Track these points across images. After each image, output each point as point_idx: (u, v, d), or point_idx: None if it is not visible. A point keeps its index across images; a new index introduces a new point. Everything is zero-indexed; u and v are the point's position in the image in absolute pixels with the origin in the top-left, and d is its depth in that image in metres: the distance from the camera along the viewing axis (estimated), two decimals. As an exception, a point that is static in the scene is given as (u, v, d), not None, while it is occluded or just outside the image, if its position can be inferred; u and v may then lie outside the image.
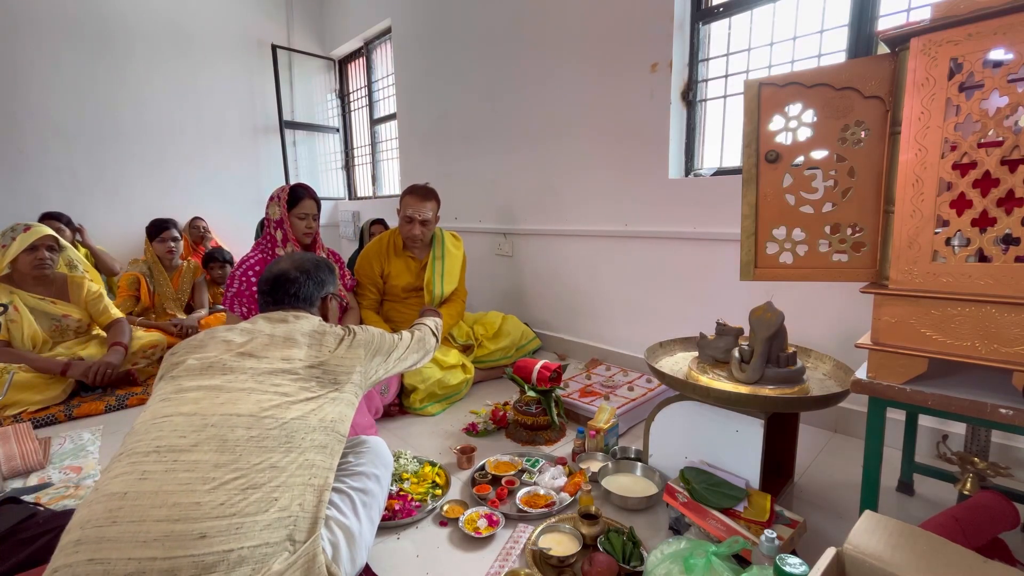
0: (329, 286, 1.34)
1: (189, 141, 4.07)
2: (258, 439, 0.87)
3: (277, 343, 1.07)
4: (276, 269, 1.26)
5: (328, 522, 0.95)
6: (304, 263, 1.28)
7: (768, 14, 1.96)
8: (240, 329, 1.11)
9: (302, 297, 1.25)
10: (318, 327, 1.17)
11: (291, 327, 1.13)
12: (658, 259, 2.30)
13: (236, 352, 1.03)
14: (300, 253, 1.38)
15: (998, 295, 0.86)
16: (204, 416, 0.88)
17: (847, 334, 1.71)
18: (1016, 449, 1.49)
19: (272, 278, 1.24)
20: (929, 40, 0.88)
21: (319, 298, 1.30)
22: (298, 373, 1.02)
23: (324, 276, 1.31)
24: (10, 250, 2.12)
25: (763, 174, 1.15)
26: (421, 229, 2.27)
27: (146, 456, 0.81)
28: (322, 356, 1.09)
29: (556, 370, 1.84)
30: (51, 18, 3.47)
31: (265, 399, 0.94)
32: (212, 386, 0.94)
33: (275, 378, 0.99)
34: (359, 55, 4.48)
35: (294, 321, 1.16)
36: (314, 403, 1.00)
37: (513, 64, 2.83)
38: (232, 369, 0.99)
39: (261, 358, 1.03)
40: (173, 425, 0.86)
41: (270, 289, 1.24)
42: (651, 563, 1.04)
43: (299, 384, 1.01)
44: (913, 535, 0.79)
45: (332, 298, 1.39)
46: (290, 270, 1.25)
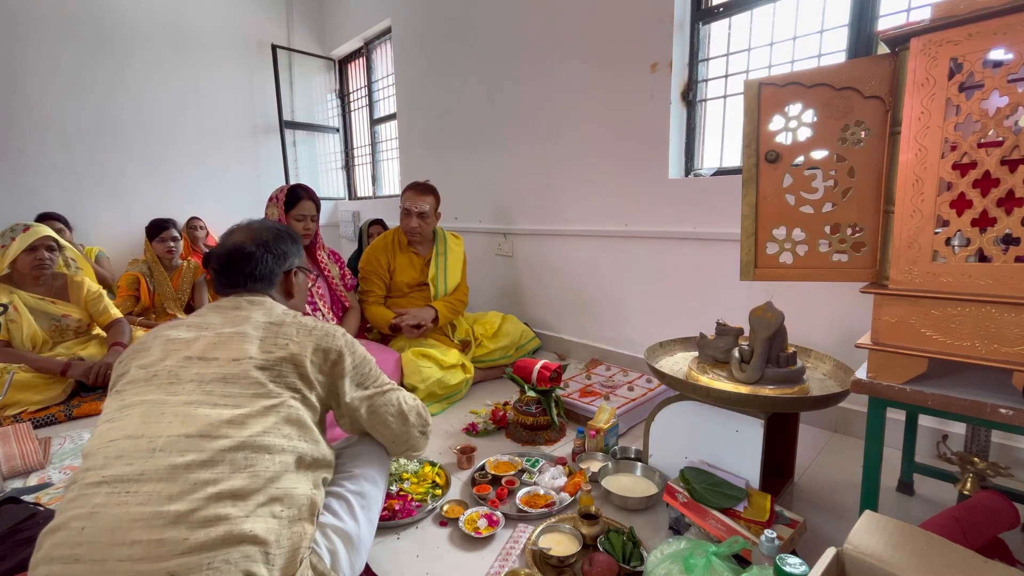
0: (293, 257, 1.16)
1: (189, 141, 4.08)
2: (211, 464, 0.76)
3: (226, 340, 0.92)
4: (229, 243, 1.08)
5: (324, 529, 0.92)
6: (261, 233, 1.10)
7: (768, 14, 1.96)
8: (188, 324, 0.98)
9: (261, 275, 1.08)
10: (276, 316, 1.00)
11: (244, 317, 0.98)
12: (658, 259, 2.30)
13: (182, 356, 0.90)
14: (257, 221, 1.15)
15: (998, 295, 0.86)
16: (151, 439, 0.77)
17: (847, 334, 1.71)
18: (1016, 449, 1.49)
19: (225, 254, 1.06)
20: (929, 40, 0.88)
21: (281, 273, 1.13)
22: (250, 376, 0.88)
23: (286, 247, 1.14)
24: (10, 250, 2.12)
25: (763, 174, 1.15)
26: (419, 221, 2.33)
27: (97, 488, 0.73)
28: (277, 352, 0.93)
29: (556, 370, 1.84)
30: (51, 18, 3.47)
31: (215, 414, 0.81)
32: (155, 401, 0.83)
33: (225, 386, 0.85)
34: (359, 55, 4.48)
35: (248, 308, 1.01)
36: (274, 415, 0.86)
37: (513, 64, 2.83)
38: (177, 378, 0.86)
39: (209, 360, 0.89)
40: (119, 450, 0.77)
41: (223, 268, 1.06)
42: (651, 563, 1.04)
43: (253, 391, 0.86)
44: (913, 535, 0.79)
45: (298, 271, 1.20)
46: (245, 243, 1.07)
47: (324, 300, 2.18)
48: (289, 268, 1.15)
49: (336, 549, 0.91)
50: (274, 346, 0.93)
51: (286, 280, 1.15)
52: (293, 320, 1.00)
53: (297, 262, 1.18)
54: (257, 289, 1.07)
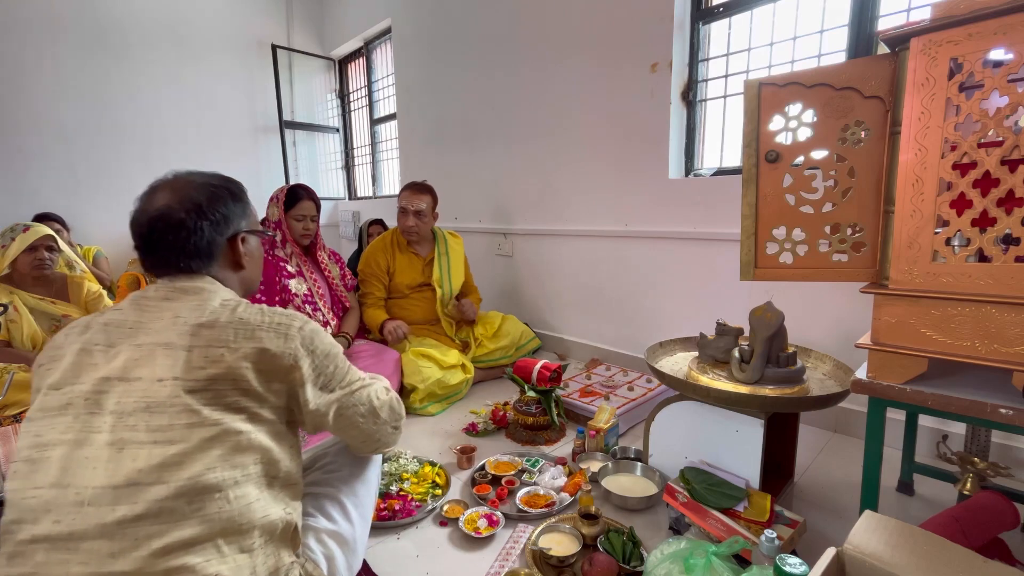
0: (238, 220, 0.91)
1: (189, 141, 4.08)
2: (149, 517, 0.65)
3: (148, 354, 0.74)
4: (153, 208, 0.83)
5: (319, 534, 0.88)
6: (191, 192, 0.85)
7: (768, 14, 1.96)
8: (105, 325, 0.78)
9: (196, 250, 0.83)
10: (210, 313, 0.78)
11: (171, 318, 0.77)
12: (658, 259, 2.29)
13: (99, 377, 0.73)
14: (185, 174, 0.90)
15: (998, 295, 0.86)
16: (77, 490, 0.66)
17: (847, 334, 1.71)
18: (1016, 449, 1.49)
19: (148, 223, 0.82)
20: (929, 40, 0.88)
21: (224, 242, 0.88)
22: (179, 403, 0.70)
23: (226, 207, 0.88)
24: (9, 250, 2.12)
25: (763, 174, 1.15)
26: (415, 220, 2.35)
27: (30, 545, 0.65)
28: (209, 368, 0.73)
29: (556, 370, 1.84)
30: (51, 18, 3.47)
31: (143, 456, 0.67)
32: (76, 442, 0.69)
33: (150, 417, 0.70)
34: (359, 55, 4.48)
35: (178, 302, 0.79)
36: (218, 446, 0.71)
37: (513, 64, 2.83)
38: (97, 407, 0.71)
39: (131, 382, 0.72)
40: (45, 503, 0.66)
41: (146, 243, 0.83)
42: (651, 563, 1.04)
43: (185, 421, 0.70)
44: (913, 535, 0.78)
45: (247, 237, 0.93)
46: (172, 208, 0.82)
47: (324, 300, 2.17)
48: (234, 233, 0.90)
49: (332, 554, 0.89)
50: (205, 359, 0.74)
51: (231, 249, 0.90)
52: (231, 317, 0.78)
53: (244, 224, 0.92)
54: (193, 268, 0.84)
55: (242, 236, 0.91)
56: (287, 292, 2.03)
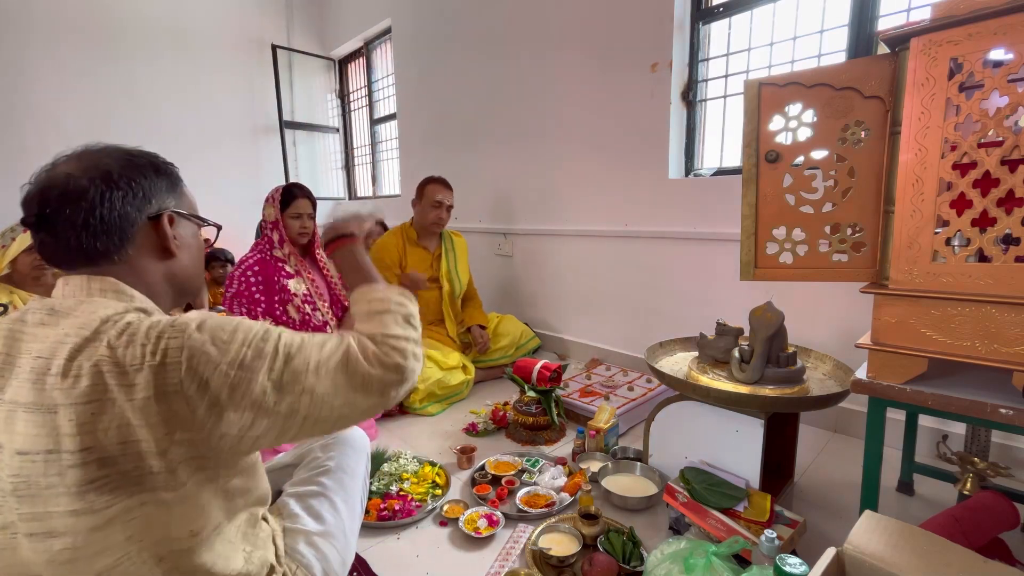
0: (162, 196, 0.71)
1: (189, 141, 4.07)
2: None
3: (7, 413, 0.55)
4: (46, 176, 0.64)
5: (310, 537, 0.86)
6: (100, 160, 0.66)
7: (768, 14, 1.96)
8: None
9: (100, 225, 0.63)
10: (89, 336, 0.56)
11: (51, 347, 0.56)
12: (658, 259, 2.29)
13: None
14: (98, 145, 0.69)
15: (998, 295, 0.86)
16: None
17: (847, 334, 1.71)
18: (1016, 449, 1.49)
19: (38, 194, 0.63)
20: (929, 40, 0.88)
21: (142, 220, 0.68)
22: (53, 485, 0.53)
23: (147, 179, 0.69)
24: (10, 251, 2.12)
25: (763, 174, 1.15)
26: (447, 215, 2.45)
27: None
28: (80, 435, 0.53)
29: (556, 370, 1.84)
30: (52, 18, 3.47)
31: (28, 549, 0.55)
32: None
33: (20, 504, 0.54)
34: (359, 55, 4.47)
35: (55, 326, 0.58)
36: (120, 530, 0.55)
37: (513, 64, 2.83)
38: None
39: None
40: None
41: (36, 218, 0.62)
42: (651, 563, 1.04)
43: (68, 507, 0.53)
44: (913, 535, 0.79)
45: (178, 219, 0.73)
46: (72, 175, 0.63)
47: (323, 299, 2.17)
48: (158, 212, 0.69)
49: (325, 554, 0.87)
50: (74, 425, 0.53)
51: (156, 231, 0.69)
52: (105, 354, 0.55)
53: (172, 203, 0.72)
54: (99, 250, 0.64)
55: (170, 215, 0.71)
56: (286, 292, 2.03)
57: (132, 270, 0.67)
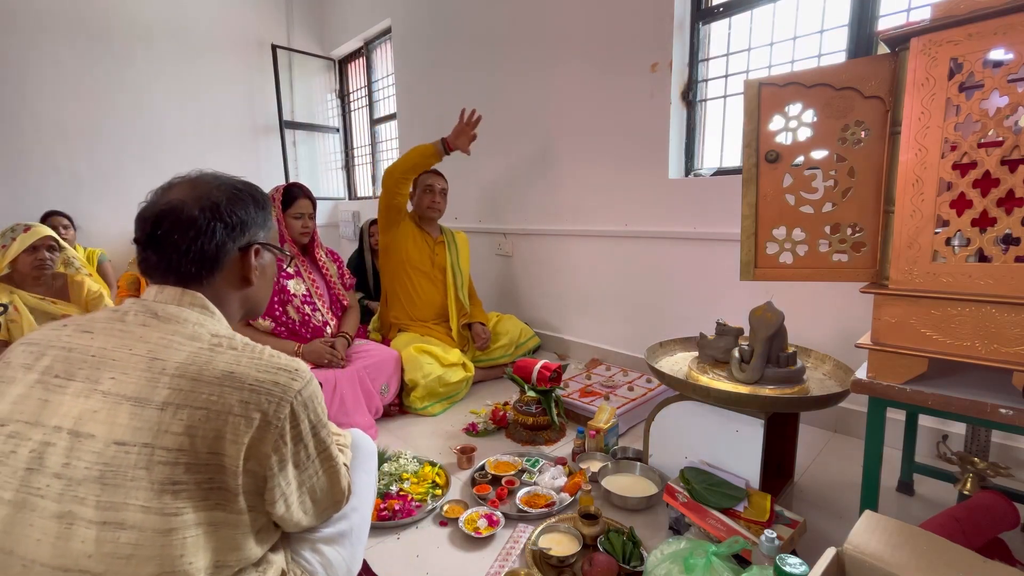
0: (255, 229, 0.79)
1: (189, 141, 4.08)
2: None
3: (111, 405, 0.60)
4: (163, 201, 0.72)
5: (314, 544, 0.85)
6: (210, 192, 0.75)
7: (768, 14, 1.96)
8: (67, 350, 0.66)
9: (203, 255, 0.72)
10: (193, 360, 0.64)
11: (148, 353, 0.64)
12: (658, 259, 2.29)
13: (51, 426, 0.60)
14: (210, 173, 0.81)
15: (998, 295, 0.86)
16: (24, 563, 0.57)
17: (847, 334, 1.71)
18: (1016, 449, 1.49)
19: (155, 217, 0.71)
20: (929, 40, 0.88)
21: (235, 251, 0.77)
22: (138, 478, 0.58)
23: (245, 212, 0.77)
24: (10, 250, 2.12)
25: (763, 174, 1.15)
26: (440, 199, 2.47)
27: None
28: (184, 435, 0.59)
29: (556, 370, 1.84)
30: (52, 18, 3.47)
31: (92, 538, 0.56)
32: (18, 504, 0.58)
33: (103, 491, 0.57)
34: (359, 55, 4.47)
35: (159, 331, 0.67)
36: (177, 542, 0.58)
37: (513, 64, 2.83)
38: (41, 464, 0.59)
39: (82, 439, 0.59)
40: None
41: (149, 239, 0.71)
42: (651, 563, 1.04)
43: (143, 502, 0.57)
44: (913, 535, 0.79)
45: (262, 250, 0.81)
46: (186, 203, 0.72)
47: (323, 300, 2.17)
48: (248, 244, 0.78)
49: (330, 561, 0.86)
50: (181, 424, 0.59)
51: (242, 261, 0.78)
52: (223, 369, 0.63)
53: (261, 235, 0.81)
54: (193, 275, 0.73)
55: (256, 247, 0.80)
56: (286, 292, 2.03)
57: (214, 293, 0.75)
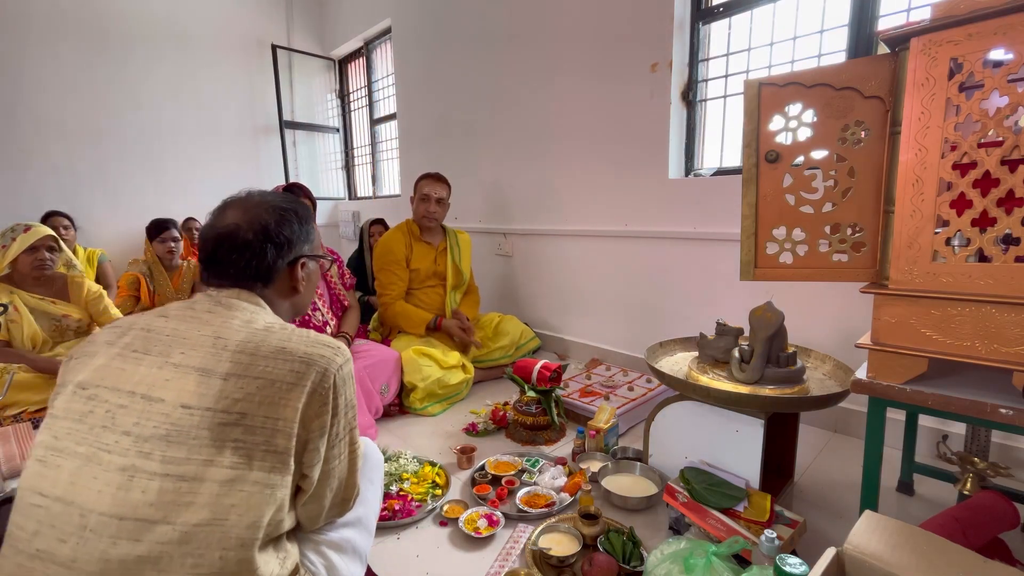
0: (300, 244, 0.90)
1: (189, 141, 4.08)
2: (151, 561, 0.63)
3: (181, 374, 0.71)
4: (221, 225, 0.84)
5: (318, 546, 0.86)
6: (262, 215, 0.85)
7: (768, 14, 1.96)
8: (145, 330, 0.77)
9: (257, 272, 0.84)
10: (255, 337, 0.75)
11: (213, 334, 0.75)
12: (658, 259, 2.29)
13: (125, 391, 0.70)
14: (257, 194, 0.90)
15: (998, 295, 0.86)
16: (82, 512, 0.64)
17: (847, 334, 1.71)
18: (1016, 449, 1.49)
19: (215, 239, 0.83)
20: (929, 40, 0.88)
21: (284, 267, 0.88)
22: (201, 436, 0.66)
23: (291, 231, 0.88)
24: (10, 250, 2.12)
25: (763, 174, 1.15)
26: (436, 207, 2.41)
27: (30, 561, 0.65)
28: (244, 400, 0.69)
29: (556, 370, 1.84)
30: (51, 18, 3.47)
31: (154, 488, 0.64)
32: (87, 456, 0.67)
33: (167, 447, 0.66)
34: (359, 55, 4.48)
35: (224, 316, 0.78)
36: (232, 493, 0.66)
37: (513, 64, 2.83)
38: (112, 423, 0.68)
39: (153, 402, 0.69)
40: (51, 517, 0.65)
41: (210, 257, 0.84)
42: (651, 563, 1.04)
43: (204, 456, 0.66)
44: (913, 535, 0.79)
45: (307, 262, 0.93)
46: (240, 228, 0.83)
47: (323, 300, 2.17)
48: (295, 258, 0.89)
49: (333, 563, 0.86)
50: (241, 391, 0.69)
51: (290, 274, 0.90)
52: (275, 345, 0.74)
53: (306, 249, 0.92)
54: (246, 287, 0.85)
55: (303, 261, 0.91)
56: (287, 292, 2.03)
57: (267, 301, 0.87)
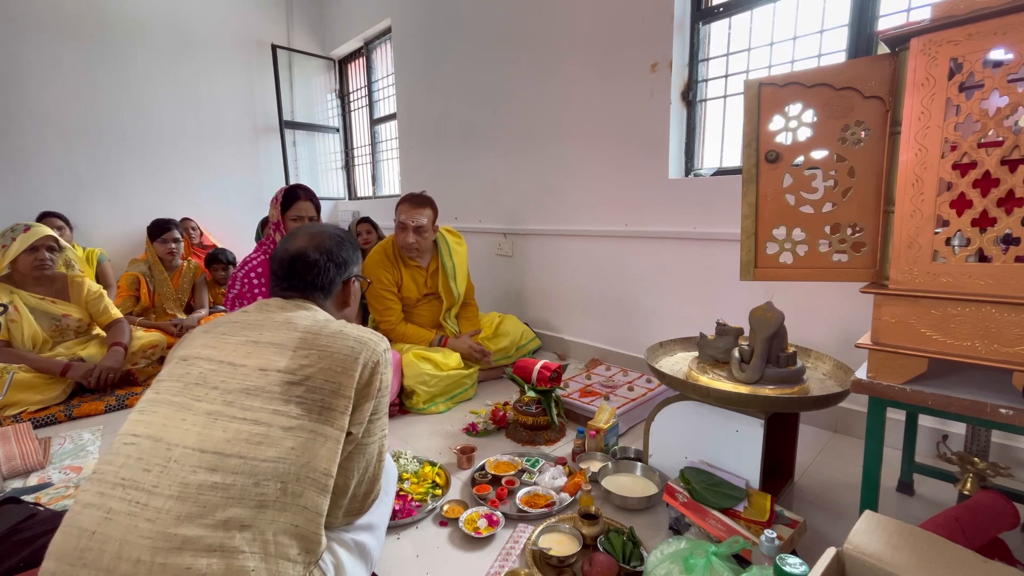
0: (353, 266, 1.12)
1: (189, 141, 4.08)
2: (223, 488, 0.73)
3: (261, 348, 0.88)
4: (293, 248, 1.04)
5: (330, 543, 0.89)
6: (324, 241, 1.06)
7: (768, 14, 1.96)
8: (232, 321, 0.96)
9: (321, 285, 1.04)
10: (318, 324, 0.93)
11: (284, 321, 0.94)
12: (658, 259, 2.29)
13: (216, 360, 0.88)
14: (318, 226, 1.12)
15: (998, 295, 0.86)
16: (169, 446, 0.77)
17: (847, 334, 1.71)
18: (1016, 449, 1.49)
19: (289, 259, 1.03)
20: (929, 40, 0.88)
21: (340, 282, 1.09)
22: (273, 391, 0.82)
23: (347, 254, 1.10)
24: (10, 250, 2.13)
25: (763, 174, 1.15)
26: (416, 237, 2.21)
27: (112, 489, 0.74)
28: (308, 365, 0.86)
29: (556, 370, 1.84)
30: (51, 18, 3.47)
31: (232, 429, 0.78)
32: (180, 404, 0.82)
33: (246, 398, 0.82)
34: (359, 55, 4.48)
35: (292, 311, 0.97)
36: (293, 437, 0.79)
37: (513, 64, 2.83)
38: (205, 381, 0.85)
39: (236, 367, 0.86)
40: (140, 451, 0.77)
41: (285, 274, 1.04)
42: (651, 563, 1.04)
43: (273, 407, 0.81)
44: (913, 535, 0.79)
45: (355, 280, 1.14)
46: (308, 250, 1.04)
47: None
48: (348, 277, 1.11)
49: (341, 561, 0.88)
50: (306, 357, 0.86)
51: (344, 289, 1.10)
52: (333, 329, 0.92)
53: (356, 270, 1.13)
54: (312, 297, 1.04)
55: (353, 279, 1.12)
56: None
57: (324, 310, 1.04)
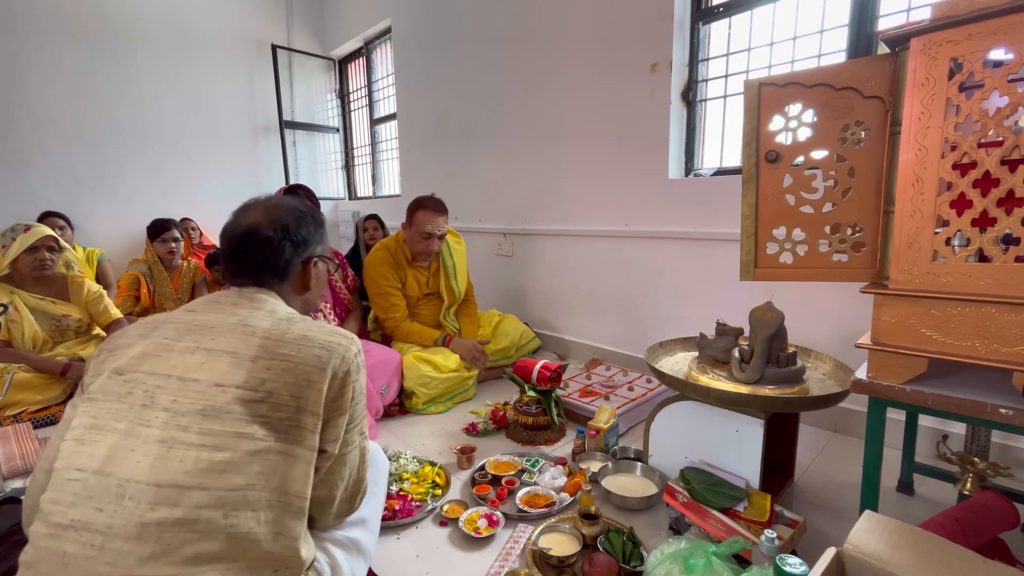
0: (314, 245, 0.97)
1: (189, 141, 4.08)
2: (187, 523, 0.66)
3: (214, 357, 0.76)
4: (244, 223, 0.90)
5: (323, 543, 0.87)
6: (281, 215, 0.92)
7: (768, 14, 1.96)
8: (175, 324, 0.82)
9: (276, 267, 0.90)
10: (278, 325, 0.81)
11: (239, 323, 0.81)
12: (658, 259, 2.29)
13: (161, 374, 0.75)
14: (275, 199, 0.97)
15: (998, 295, 0.86)
16: (119, 482, 0.68)
17: (847, 334, 1.71)
18: (1016, 449, 1.49)
19: (240, 236, 0.89)
20: (929, 40, 0.88)
21: (299, 264, 0.94)
22: (233, 411, 0.72)
23: (308, 231, 0.95)
24: (10, 250, 2.12)
25: (763, 174, 1.15)
26: (439, 243, 2.28)
27: (64, 531, 0.66)
28: (271, 380, 0.75)
29: (556, 370, 1.84)
30: (52, 18, 3.47)
31: (191, 458, 0.69)
32: (127, 431, 0.71)
33: (203, 421, 0.71)
34: (359, 55, 4.48)
35: (248, 308, 0.84)
36: (260, 461, 0.71)
37: (513, 64, 2.83)
38: (152, 401, 0.73)
39: (188, 383, 0.74)
40: (88, 489, 0.68)
41: (233, 254, 0.90)
42: (651, 563, 1.04)
43: (235, 430, 0.71)
44: (913, 535, 0.79)
45: (319, 261, 0.99)
46: (262, 225, 0.89)
47: (326, 302, 2.17)
48: (309, 257, 0.96)
49: (338, 562, 0.87)
50: (268, 371, 0.76)
51: (303, 271, 0.96)
52: (300, 332, 0.81)
53: (319, 250, 0.99)
54: (266, 283, 0.91)
55: (315, 260, 0.98)
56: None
57: (282, 296, 0.92)
